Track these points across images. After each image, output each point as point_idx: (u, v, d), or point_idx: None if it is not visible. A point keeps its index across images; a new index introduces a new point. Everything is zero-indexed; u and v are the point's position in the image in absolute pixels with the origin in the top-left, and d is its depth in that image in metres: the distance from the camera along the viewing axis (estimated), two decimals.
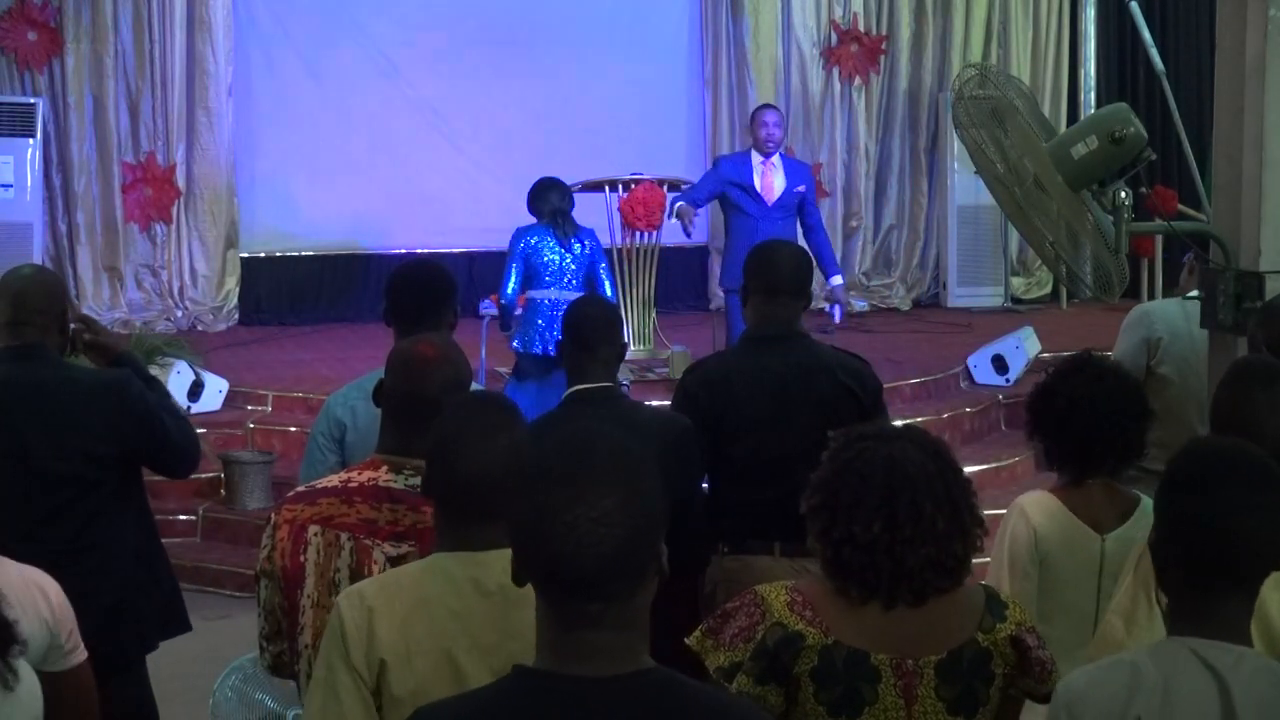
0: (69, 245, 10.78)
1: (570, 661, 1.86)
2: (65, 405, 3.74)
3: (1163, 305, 4.51)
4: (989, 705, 2.53)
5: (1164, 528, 2.38)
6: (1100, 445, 3.48)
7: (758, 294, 4.16)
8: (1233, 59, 3.95)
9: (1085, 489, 3.52)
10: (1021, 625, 2.56)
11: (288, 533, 2.97)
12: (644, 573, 1.88)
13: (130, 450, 3.82)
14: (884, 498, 2.44)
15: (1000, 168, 4.16)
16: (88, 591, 3.60)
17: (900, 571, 2.44)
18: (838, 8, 12.12)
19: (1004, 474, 7.90)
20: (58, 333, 3.85)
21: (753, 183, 8.14)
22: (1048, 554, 3.46)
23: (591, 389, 3.85)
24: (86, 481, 3.74)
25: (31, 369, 3.76)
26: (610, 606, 1.86)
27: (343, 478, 3.04)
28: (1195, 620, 2.32)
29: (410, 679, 2.45)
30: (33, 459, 3.69)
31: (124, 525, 3.85)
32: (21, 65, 10.63)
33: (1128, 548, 3.45)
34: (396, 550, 2.89)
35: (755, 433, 4.06)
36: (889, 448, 2.49)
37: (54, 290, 3.91)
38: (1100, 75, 12.39)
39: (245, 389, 8.85)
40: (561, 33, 11.56)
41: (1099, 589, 3.47)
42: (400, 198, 11.32)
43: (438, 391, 3.00)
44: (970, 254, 11.98)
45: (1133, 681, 2.29)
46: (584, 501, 1.83)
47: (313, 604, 2.94)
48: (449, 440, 2.58)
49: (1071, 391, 3.54)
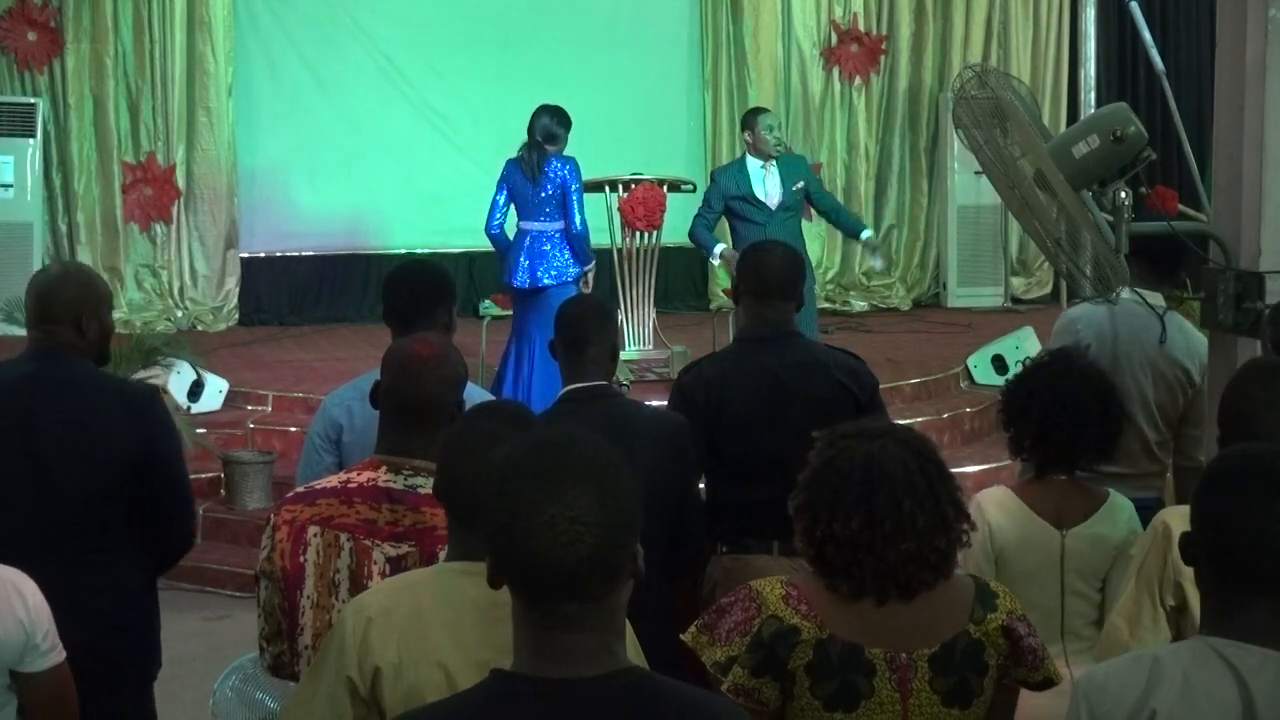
0: (69, 245, 10.78)
1: (548, 663, 1.86)
2: (90, 410, 3.60)
3: (1088, 309, 4.52)
4: (983, 696, 2.54)
5: (1196, 527, 2.38)
6: (1058, 438, 3.52)
7: (750, 295, 4.19)
8: (1233, 59, 3.94)
9: (1046, 484, 3.56)
10: (1012, 614, 2.57)
11: (287, 533, 2.97)
12: (620, 573, 1.88)
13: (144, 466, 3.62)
14: (862, 495, 2.47)
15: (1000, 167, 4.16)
16: (100, 607, 3.58)
17: (883, 568, 2.45)
18: (838, 8, 12.13)
19: (1004, 474, 7.88)
20: (93, 334, 3.66)
21: (753, 192, 8.09)
22: (1004, 550, 3.48)
23: (585, 388, 3.84)
24: (107, 491, 3.59)
25: (58, 370, 3.61)
26: (587, 607, 1.85)
27: (342, 478, 3.04)
28: (1222, 622, 2.31)
29: (401, 688, 2.46)
30: (53, 464, 3.55)
31: (136, 546, 3.68)
32: (21, 65, 10.63)
33: (1091, 544, 3.49)
34: (396, 550, 2.90)
35: (752, 432, 4.06)
36: (868, 445, 2.51)
37: (86, 290, 3.69)
38: (1100, 75, 12.38)
39: (245, 389, 8.86)
40: (561, 32, 11.56)
41: (1062, 585, 3.49)
42: (400, 198, 11.33)
43: (433, 391, 3.01)
44: (970, 254, 11.99)
45: (1153, 675, 2.29)
46: (560, 501, 1.83)
47: (312, 604, 2.94)
48: (456, 448, 2.59)
49: (1035, 384, 3.59)
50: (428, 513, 2.91)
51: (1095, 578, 3.51)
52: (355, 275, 11.46)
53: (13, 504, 3.55)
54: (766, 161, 8.15)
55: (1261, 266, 3.87)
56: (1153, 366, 4.50)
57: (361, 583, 2.90)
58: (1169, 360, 4.49)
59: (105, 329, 3.70)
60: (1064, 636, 3.44)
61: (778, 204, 8.09)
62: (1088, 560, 3.49)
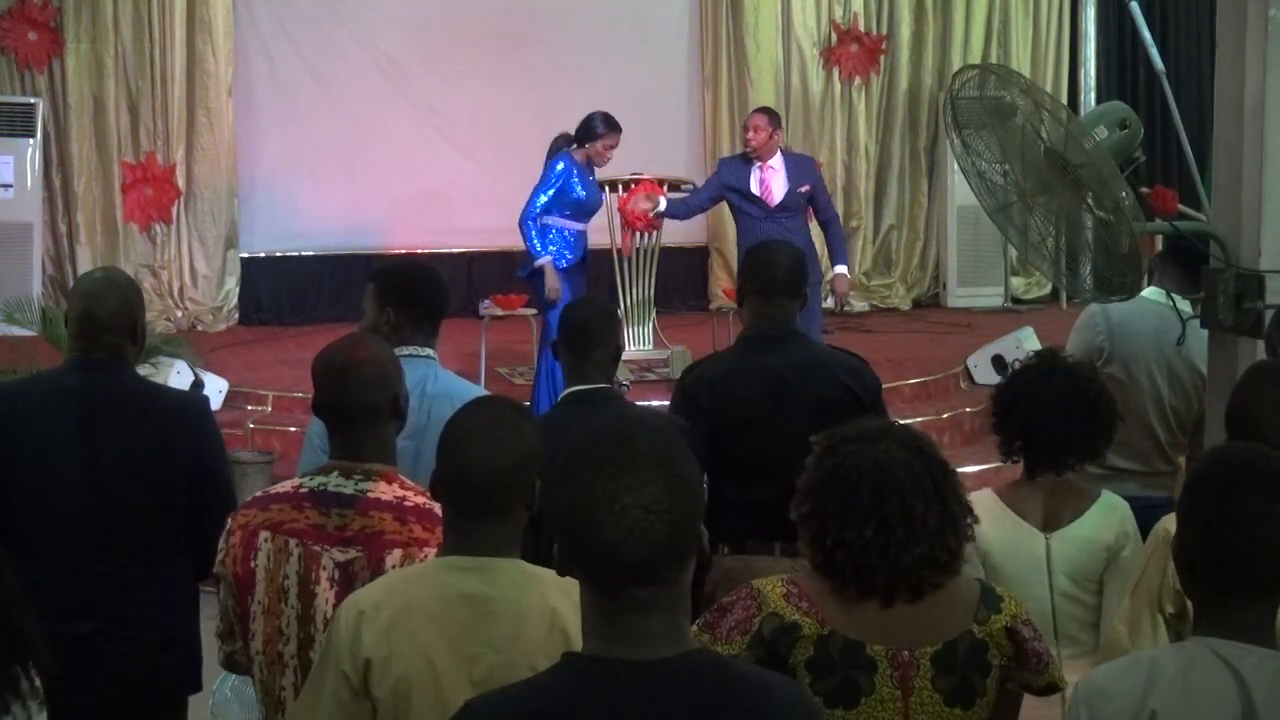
0: (69, 245, 10.77)
1: (622, 646, 1.89)
2: (148, 426, 3.56)
3: (1113, 305, 4.52)
4: (986, 697, 2.54)
5: (1186, 532, 2.38)
6: (1042, 440, 3.51)
7: (754, 295, 4.19)
8: (1233, 59, 3.94)
9: (1031, 486, 3.55)
10: (1016, 617, 2.57)
11: (240, 538, 2.98)
12: (689, 555, 1.93)
13: (198, 478, 3.59)
14: (874, 503, 2.46)
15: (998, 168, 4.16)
16: (143, 620, 3.56)
17: (895, 572, 2.45)
18: (838, 8, 12.12)
19: (1004, 474, 7.84)
20: (131, 341, 3.64)
21: (750, 188, 8.12)
22: (989, 554, 3.47)
23: (588, 390, 3.88)
24: (163, 505, 3.56)
25: (112, 382, 3.58)
26: (660, 591, 1.89)
27: (295, 483, 3.03)
28: (1217, 624, 2.31)
29: (388, 681, 2.49)
30: (111, 480, 3.51)
31: (185, 558, 3.63)
32: (21, 65, 10.62)
33: (1078, 546, 3.47)
34: (345, 556, 2.89)
35: (755, 432, 4.06)
36: (874, 450, 2.51)
37: (127, 296, 3.66)
38: (1100, 75, 12.37)
39: (245, 389, 8.86)
40: (561, 32, 11.56)
41: (1051, 587, 3.47)
42: (400, 198, 11.31)
43: (359, 395, 2.98)
44: (970, 254, 11.98)
45: (1151, 677, 2.29)
46: (631, 490, 1.87)
47: (263, 610, 2.94)
48: (459, 439, 2.60)
49: (1021, 385, 3.59)
50: (376, 517, 2.91)
51: (1087, 580, 3.49)
52: (355, 275, 11.39)
53: (69, 519, 3.51)
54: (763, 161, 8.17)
55: (1261, 266, 3.87)
56: (1169, 368, 4.51)
57: (309, 588, 2.89)
58: (1186, 364, 4.49)
59: (140, 331, 3.70)
60: (1058, 639, 3.42)
61: (776, 203, 8.10)
62: (1076, 563, 3.47)
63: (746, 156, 8.27)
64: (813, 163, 8.97)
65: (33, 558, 3.35)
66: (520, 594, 2.53)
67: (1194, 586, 2.39)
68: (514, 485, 2.56)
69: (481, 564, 2.54)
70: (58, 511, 3.51)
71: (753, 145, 8.14)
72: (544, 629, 2.50)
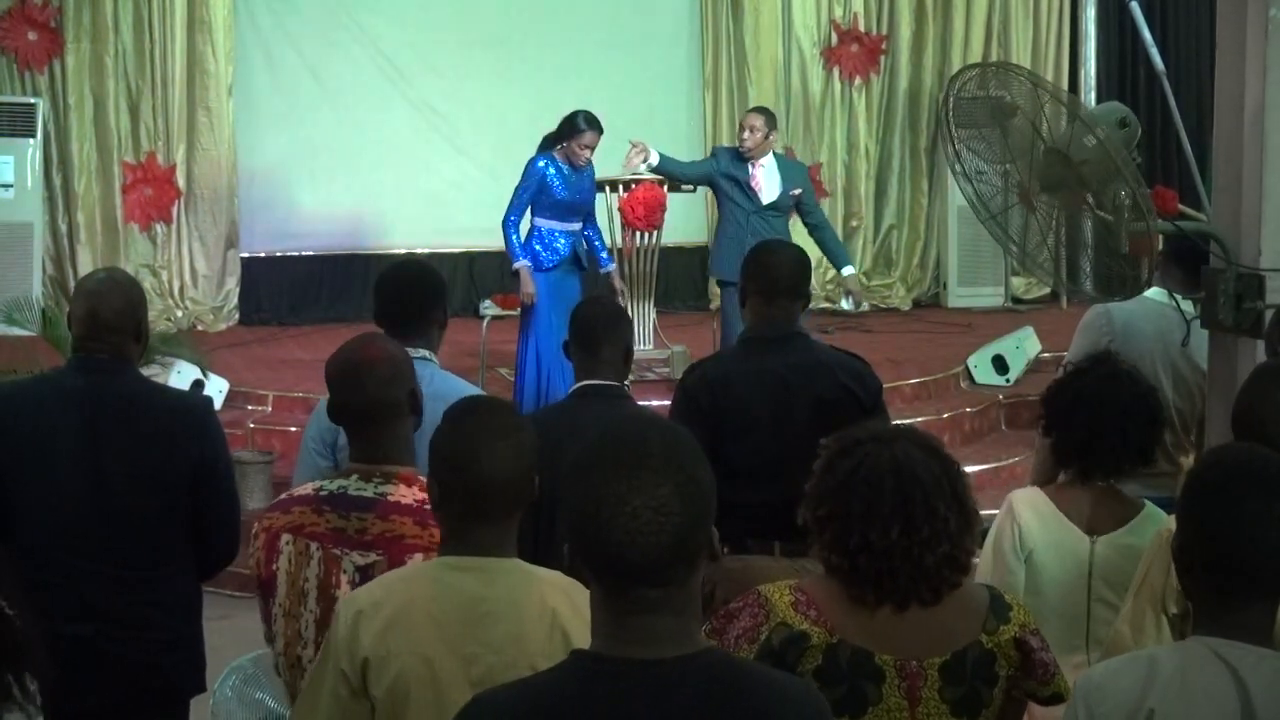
0: (69, 245, 10.76)
1: (630, 645, 1.89)
2: (153, 428, 3.56)
3: (1120, 304, 4.51)
4: (991, 707, 2.53)
5: (1185, 532, 2.38)
6: (1102, 444, 3.47)
7: (756, 296, 4.18)
8: (1233, 59, 3.94)
9: (1081, 490, 3.52)
10: (1025, 627, 2.56)
11: (264, 541, 2.99)
12: (700, 556, 1.92)
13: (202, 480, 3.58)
14: (897, 503, 2.45)
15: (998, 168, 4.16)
16: (146, 621, 3.57)
17: (918, 573, 2.44)
18: (838, 8, 12.12)
19: (1004, 474, 7.89)
20: (135, 341, 3.64)
21: (748, 180, 8.11)
22: (1033, 551, 3.46)
23: (595, 385, 3.95)
24: (167, 507, 3.55)
25: (115, 383, 3.57)
26: (670, 591, 1.89)
27: (316, 485, 3.03)
28: (1217, 624, 2.31)
29: (385, 680, 2.50)
30: (116, 482, 3.50)
31: (188, 559, 3.64)
32: (21, 65, 10.62)
33: (1122, 553, 3.44)
34: (365, 559, 2.90)
35: (755, 433, 4.06)
36: (891, 450, 2.49)
37: (131, 296, 3.67)
38: (1100, 75, 12.38)
39: (245, 389, 8.86)
40: (561, 32, 11.55)
41: (1089, 592, 3.46)
42: (400, 198, 11.31)
43: (377, 393, 2.99)
44: (970, 254, 11.97)
45: (1149, 675, 2.29)
46: (643, 492, 1.86)
47: (284, 613, 2.95)
48: (454, 442, 2.59)
49: (1081, 387, 3.55)
50: (397, 521, 2.91)
51: (1123, 587, 3.44)
52: (355, 275, 11.43)
53: (72, 520, 3.51)
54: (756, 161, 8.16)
55: (1262, 266, 3.86)
56: (1174, 368, 4.51)
57: (329, 592, 2.90)
58: (1191, 365, 4.49)
59: (143, 331, 3.70)
60: (1089, 644, 3.42)
61: (767, 201, 8.08)
62: (1117, 569, 3.44)
63: (740, 154, 8.24)
64: (806, 170, 8.95)
65: (35, 559, 3.35)
66: (519, 594, 2.53)
67: (1193, 586, 2.39)
68: (511, 486, 2.57)
69: (480, 564, 2.54)
70: (60, 513, 3.50)
71: (748, 146, 8.12)
72: (543, 629, 2.49)
